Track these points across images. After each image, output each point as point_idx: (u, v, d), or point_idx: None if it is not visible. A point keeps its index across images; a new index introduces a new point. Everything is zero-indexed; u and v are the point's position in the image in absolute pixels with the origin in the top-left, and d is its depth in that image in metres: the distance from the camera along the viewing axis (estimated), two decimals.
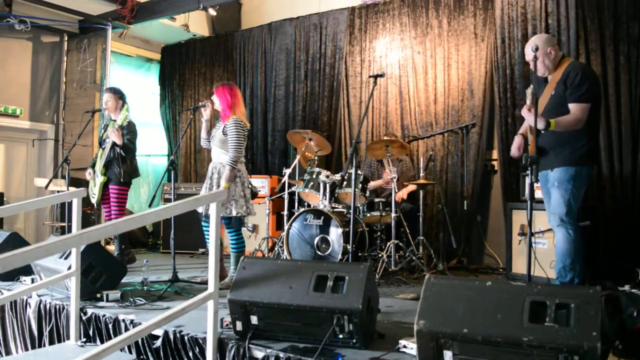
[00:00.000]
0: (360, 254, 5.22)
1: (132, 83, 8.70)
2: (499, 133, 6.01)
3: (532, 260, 3.43)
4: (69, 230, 5.69)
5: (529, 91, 3.70)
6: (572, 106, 3.73)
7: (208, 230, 4.82)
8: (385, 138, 5.88)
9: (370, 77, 4.96)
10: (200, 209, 4.70)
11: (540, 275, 4.37)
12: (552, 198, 3.84)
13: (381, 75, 4.68)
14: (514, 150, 4.08)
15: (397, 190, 5.30)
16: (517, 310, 2.29)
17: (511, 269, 5.24)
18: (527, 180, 3.47)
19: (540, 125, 3.67)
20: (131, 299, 3.94)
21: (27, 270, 4.52)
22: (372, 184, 5.86)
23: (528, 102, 3.71)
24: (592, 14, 5.40)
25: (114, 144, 5.31)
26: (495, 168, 6.23)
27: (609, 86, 5.25)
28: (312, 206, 5.57)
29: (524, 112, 3.77)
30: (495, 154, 6.22)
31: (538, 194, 4.77)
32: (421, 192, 5.68)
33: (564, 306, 2.24)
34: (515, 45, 5.88)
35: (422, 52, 6.57)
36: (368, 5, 7.10)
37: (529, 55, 3.80)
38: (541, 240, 4.85)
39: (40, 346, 3.91)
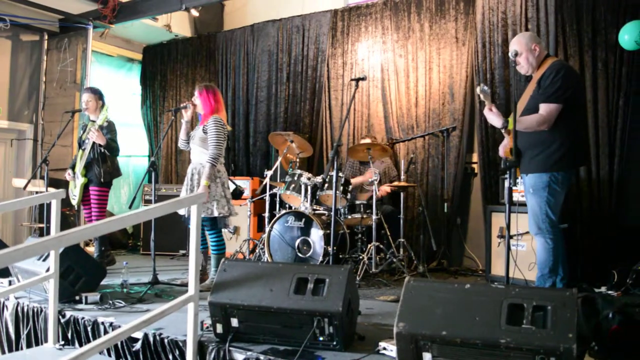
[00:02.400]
0: (341, 256, 5.23)
1: (113, 83, 8.62)
2: (479, 136, 6.07)
3: (510, 263, 3.46)
4: (48, 232, 5.63)
5: (479, 90, 3.64)
6: (540, 105, 3.64)
7: None
8: (367, 141, 5.89)
9: (352, 80, 4.98)
10: (182, 211, 4.67)
11: (519, 277, 4.42)
12: (528, 205, 3.79)
13: (363, 79, 4.72)
14: (501, 150, 4.06)
15: (377, 192, 5.33)
16: (495, 312, 2.32)
17: (490, 271, 5.29)
18: (506, 184, 3.48)
19: (498, 123, 3.69)
20: (110, 302, 3.92)
21: (4, 272, 4.46)
22: (354, 181, 5.87)
23: (487, 101, 3.69)
24: (571, 20, 5.48)
25: (94, 145, 5.27)
26: (476, 171, 6.29)
27: (587, 92, 5.31)
28: (293, 208, 5.57)
29: (486, 111, 3.75)
30: (475, 157, 6.28)
31: (517, 197, 4.84)
32: (402, 194, 5.71)
33: (541, 308, 2.28)
34: (496, 50, 5.95)
35: (404, 56, 6.61)
36: (351, 8, 7.12)
37: (512, 53, 3.80)
38: (520, 243, 4.91)
39: (17, 349, 3.86)
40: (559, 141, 3.64)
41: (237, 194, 4.92)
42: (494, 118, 3.72)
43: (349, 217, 5.52)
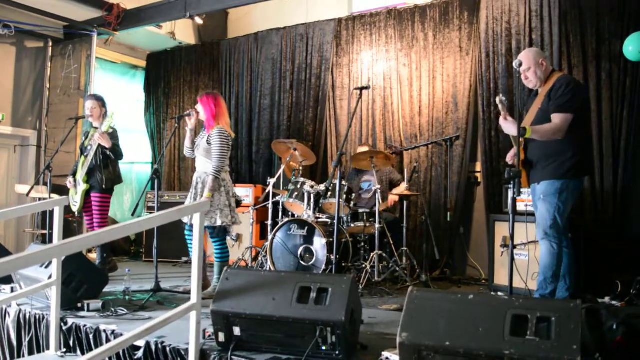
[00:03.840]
0: (344, 265, 5.22)
1: (117, 90, 8.65)
2: (482, 146, 6.07)
3: (513, 272, 3.45)
4: (50, 239, 5.62)
5: (498, 100, 3.75)
6: (552, 116, 3.78)
7: (191, 239, 4.80)
8: (365, 149, 5.88)
9: (355, 89, 4.99)
10: (185, 219, 4.68)
11: (522, 287, 4.41)
12: (538, 211, 3.88)
13: (367, 88, 4.73)
14: (509, 157, 4.19)
15: (380, 201, 5.32)
16: (498, 323, 2.30)
17: (493, 281, 5.27)
18: (510, 193, 3.51)
19: (514, 131, 3.77)
20: (113, 309, 3.90)
21: (6, 279, 4.45)
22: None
23: (502, 111, 3.78)
24: (575, 31, 5.49)
25: (97, 151, 5.27)
26: (479, 180, 6.28)
27: (591, 102, 5.31)
28: (296, 216, 5.56)
29: (501, 120, 3.86)
30: (478, 166, 6.27)
31: (520, 206, 4.83)
32: (405, 203, 5.70)
33: (545, 320, 2.27)
34: (500, 60, 5.95)
35: (408, 65, 6.62)
36: (355, 17, 7.14)
37: (517, 64, 3.89)
38: (522, 252, 4.90)
39: (19, 356, 3.85)
40: (571, 150, 3.78)
41: (236, 204, 4.92)
42: (509, 127, 3.82)
43: (352, 225, 5.51)
